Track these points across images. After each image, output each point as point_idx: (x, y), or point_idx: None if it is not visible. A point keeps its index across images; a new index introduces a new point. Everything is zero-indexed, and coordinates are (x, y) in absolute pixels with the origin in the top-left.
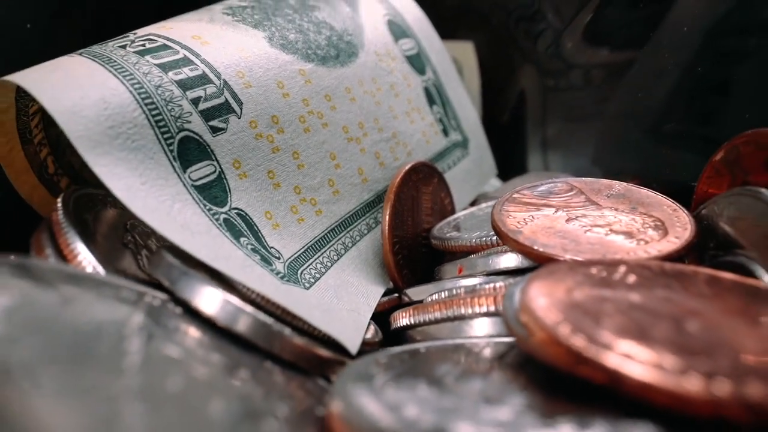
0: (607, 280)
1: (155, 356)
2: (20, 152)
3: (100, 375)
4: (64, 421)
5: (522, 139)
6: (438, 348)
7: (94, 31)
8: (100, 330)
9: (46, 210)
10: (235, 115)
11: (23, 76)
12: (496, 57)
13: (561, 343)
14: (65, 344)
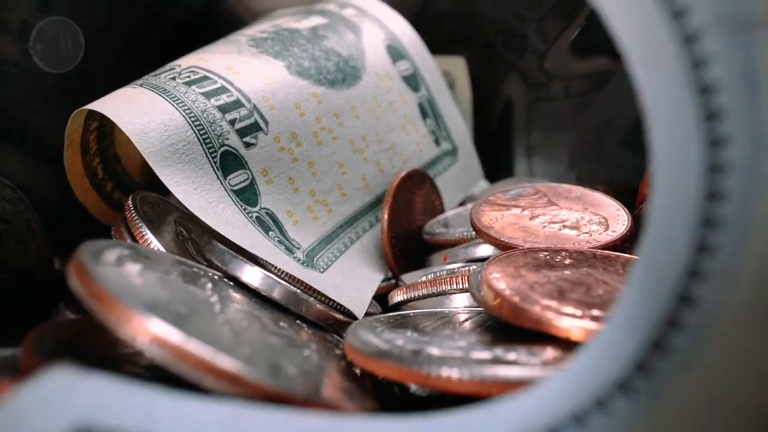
0: (549, 262)
1: (229, 308)
2: (80, 162)
3: (203, 316)
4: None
5: (508, 146)
6: (423, 313)
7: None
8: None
9: (96, 210)
10: (263, 133)
11: (103, 105)
12: (485, 71)
13: (505, 302)
14: (178, 295)
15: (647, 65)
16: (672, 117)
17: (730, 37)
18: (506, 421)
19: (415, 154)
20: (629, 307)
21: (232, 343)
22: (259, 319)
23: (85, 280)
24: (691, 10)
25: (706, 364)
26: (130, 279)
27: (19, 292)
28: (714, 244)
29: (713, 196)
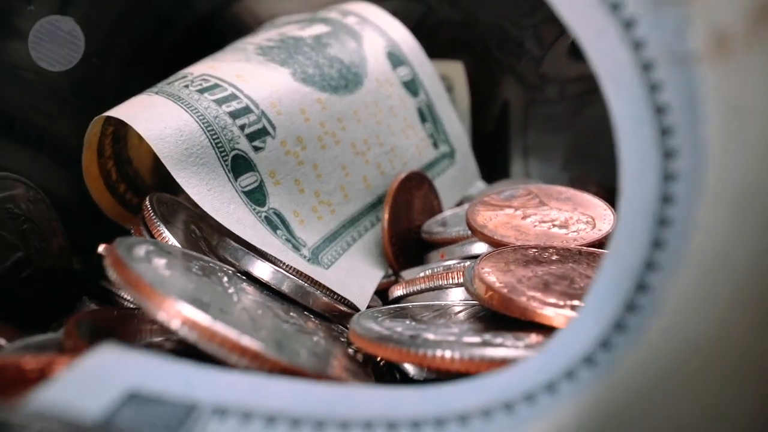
0: (537, 258)
1: (244, 299)
2: (96, 164)
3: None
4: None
5: (505, 148)
6: (420, 305)
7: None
8: (212, 282)
9: (109, 210)
10: (271, 137)
11: (123, 112)
12: (482, 75)
13: (495, 294)
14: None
15: (614, 87)
16: (634, 131)
17: (677, 67)
18: (489, 390)
19: (414, 157)
20: (597, 295)
21: (251, 327)
22: (271, 309)
23: (124, 272)
24: (647, 43)
25: (654, 339)
26: (159, 271)
27: (42, 287)
28: (665, 240)
29: (666, 200)
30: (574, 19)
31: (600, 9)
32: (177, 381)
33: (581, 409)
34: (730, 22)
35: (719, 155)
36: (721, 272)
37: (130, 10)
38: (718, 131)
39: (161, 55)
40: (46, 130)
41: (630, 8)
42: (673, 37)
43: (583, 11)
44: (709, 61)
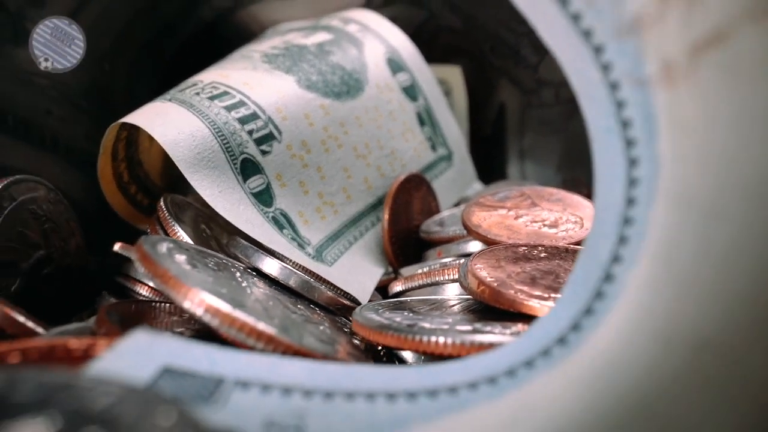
0: (526, 255)
1: (256, 291)
2: (110, 167)
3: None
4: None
5: (502, 150)
6: (418, 299)
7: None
8: (227, 276)
9: (121, 210)
10: (277, 141)
11: (139, 118)
12: (480, 79)
13: (486, 288)
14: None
15: (588, 102)
16: (605, 141)
17: (637, 89)
18: (476, 367)
19: (413, 159)
20: (573, 285)
21: (264, 316)
22: (281, 301)
23: (152, 266)
24: (613, 66)
25: (615, 320)
26: (182, 266)
27: (61, 284)
28: (628, 237)
29: (630, 202)
30: (554, 44)
31: (574, 36)
32: (204, 359)
33: (552, 379)
34: (674, 54)
35: (669, 164)
36: (670, 263)
37: (137, 18)
38: (667, 144)
39: (167, 61)
40: (60, 134)
41: (598, 36)
42: (633, 63)
43: (561, 38)
44: (660, 85)
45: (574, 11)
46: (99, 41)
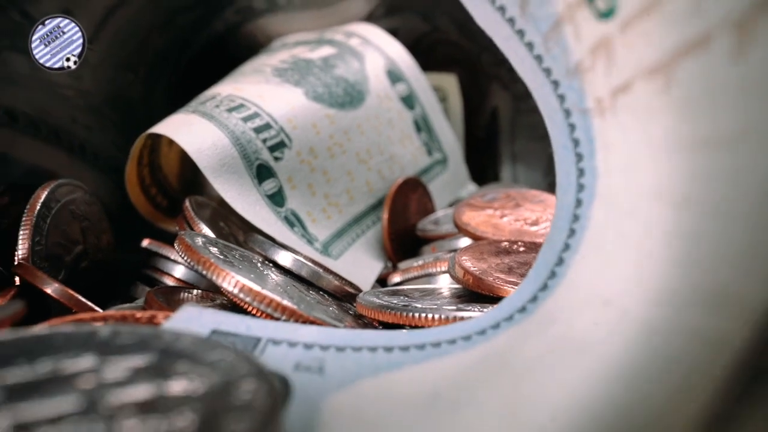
0: (507, 249)
1: (275, 278)
2: (135, 171)
3: (262, 280)
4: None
5: (495, 154)
6: (412, 287)
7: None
8: (251, 265)
9: (144, 210)
10: (288, 148)
11: (167, 128)
12: (474, 86)
13: (470, 276)
14: (244, 267)
15: (551, 123)
16: (563, 155)
17: (581, 116)
18: (455, 330)
19: (411, 163)
20: (535, 268)
21: (285, 295)
22: (296, 287)
23: (195, 255)
24: (566, 97)
25: (560, 292)
26: (218, 255)
27: (95, 276)
28: (575, 230)
29: (578, 203)
30: (526, 76)
31: (539, 72)
32: (241, 325)
33: (512, 333)
34: (602, 93)
35: (602, 175)
36: (598, 249)
37: (154, 31)
38: (601, 159)
39: (180, 71)
40: (87, 141)
41: (555, 74)
42: (578, 97)
43: (530, 72)
44: (595, 115)
45: (537, 54)
46: (120, 53)
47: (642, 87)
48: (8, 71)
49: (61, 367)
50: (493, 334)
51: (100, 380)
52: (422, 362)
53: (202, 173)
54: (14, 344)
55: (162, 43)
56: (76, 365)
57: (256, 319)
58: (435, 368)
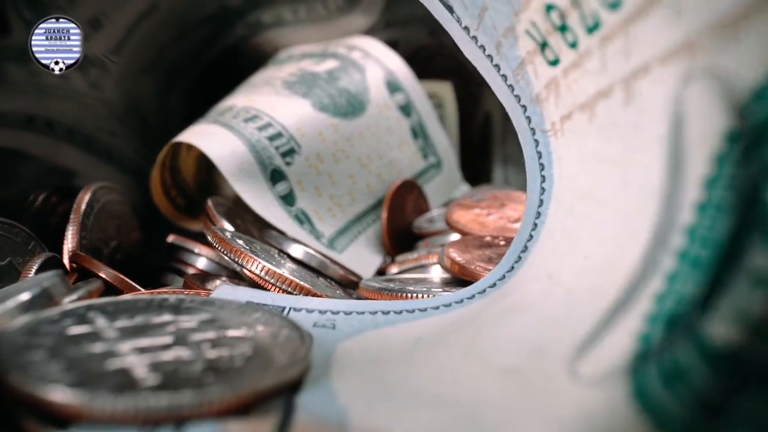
0: (490, 243)
1: (290, 266)
2: (159, 174)
3: (282, 267)
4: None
5: (488, 156)
6: (406, 276)
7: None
8: (270, 255)
9: (165, 209)
10: (297, 154)
11: (193, 138)
12: (468, 93)
13: (456, 265)
14: (266, 255)
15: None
16: (531, 165)
17: (542, 135)
18: (438, 300)
19: (407, 167)
20: (507, 255)
21: (301, 278)
22: (308, 273)
23: (227, 245)
24: (531, 119)
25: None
26: (244, 246)
27: (127, 267)
28: (536, 224)
29: (540, 203)
30: (503, 100)
31: (512, 97)
32: (268, 298)
33: (483, 302)
34: (555, 119)
35: (556, 181)
36: (551, 238)
37: (170, 44)
38: (556, 169)
39: (193, 81)
40: (113, 146)
41: (523, 100)
42: (539, 120)
43: (505, 96)
44: (551, 135)
45: (510, 84)
46: (139, 65)
47: (577, 117)
48: (39, 82)
49: (150, 319)
50: (468, 302)
51: (179, 327)
52: (412, 321)
53: (217, 176)
54: (114, 305)
55: (177, 55)
56: (160, 318)
57: (279, 294)
58: (421, 324)
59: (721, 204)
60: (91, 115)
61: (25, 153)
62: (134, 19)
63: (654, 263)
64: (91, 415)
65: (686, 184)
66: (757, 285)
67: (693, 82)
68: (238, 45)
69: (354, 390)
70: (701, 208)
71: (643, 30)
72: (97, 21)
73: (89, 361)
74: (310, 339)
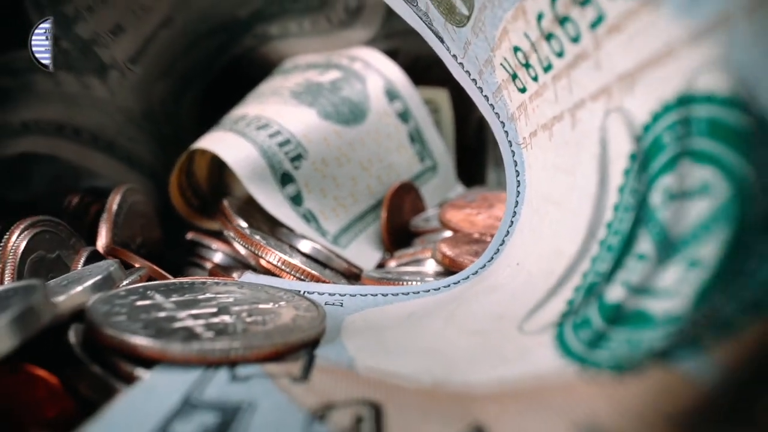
0: (478, 239)
1: (300, 258)
2: (176, 177)
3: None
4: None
5: (482, 159)
6: (404, 270)
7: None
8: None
9: (181, 209)
10: (304, 159)
11: (211, 144)
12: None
13: (447, 258)
14: (280, 249)
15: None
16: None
17: (518, 146)
18: (429, 286)
19: (405, 170)
20: (488, 249)
21: (311, 268)
22: (316, 265)
23: (247, 239)
24: (509, 133)
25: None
26: (262, 240)
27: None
28: (513, 222)
29: (516, 203)
30: (486, 116)
31: (493, 114)
32: (285, 284)
33: (466, 286)
34: (525, 134)
35: (527, 185)
36: (522, 232)
37: (182, 56)
38: (528, 175)
39: (203, 88)
40: (132, 150)
41: (502, 117)
42: (515, 134)
43: (488, 114)
44: (524, 147)
45: (491, 103)
46: (154, 73)
47: (540, 134)
48: (63, 91)
49: (195, 296)
50: (454, 287)
51: (219, 302)
52: (406, 301)
53: (228, 177)
54: (165, 286)
55: (189, 64)
56: (203, 296)
57: (293, 281)
58: (413, 303)
59: (627, 205)
60: (111, 121)
61: (59, 158)
62: (152, 31)
63: (586, 250)
64: (168, 358)
65: (609, 190)
66: (639, 261)
67: (610, 116)
68: (246, 55)
69: (358, 346)
70: (615, 208)
71: (578, 75)
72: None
73: (159, 322)
74: (323, 310)
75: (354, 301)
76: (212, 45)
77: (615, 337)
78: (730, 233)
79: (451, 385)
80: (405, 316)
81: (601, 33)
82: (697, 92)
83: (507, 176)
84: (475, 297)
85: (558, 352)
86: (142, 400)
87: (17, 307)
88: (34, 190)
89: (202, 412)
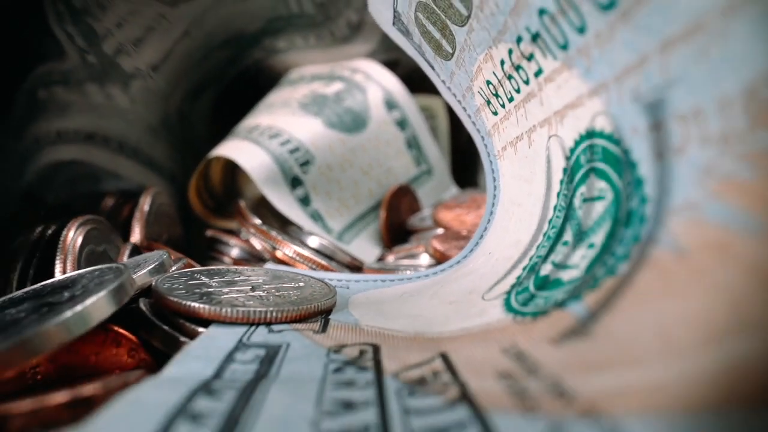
0: (465, 236)
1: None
2: (194, 181)
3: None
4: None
5: (476, 162)
6: (400, 262)
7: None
8: (293, 242)
9: (197, 209)
10: (312, 165)
11: (230, 151)
12: None
13: (437, 252)
14: (291, 243)
15: (483, 158)
16: (489, 177)
17: (494, 158)
18: (419, 273)
19: (403, 174)
20: (470, 242)
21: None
22: (323, 259)
23: (265, 234)
24: (487, 147)
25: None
26: (278, 235)
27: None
28: (491, 220)
29: (493, 204)
30: (469, 130)
31: (475, 130)
32: (301, 272)
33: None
34: (498, 147)
35: (502, 189)
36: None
37: (196, 67)
38: (501, 181)
39: (215, 97)
40: (152, 156)
41: (482, 132)
42: (491, 147)
43: (471, 129)
44: (498, 158)
45: (473, 120)
46: (170, 82)
47: (509, 149)
48: (89, 102)
49: (232, 278)
50: (441, 273)
51: (251, 282)
52: (400, 284)
53: (240, 180)
54: (207, 270)
55: (202, 75)
56: (238, 278)
57: (305, 269)
58: (407, 285)
59: (561, 206)
60: (133, 129)
61: (92, 163)
62: (172, 44)
63: (535, 240)
64: (222, 318)
65: (552, 195)
66: (563, 246)
67: (551, 140)
68: (255, 66)
69: (361, 313)
70: (555, 208)
71: (530, 107)
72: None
73: (210, 295)
74: (335, 288)
75: (358, 285)
76: (224, 57)
77: (539, 297)
78: (611, 225)
79: (428, 334)
80: (399, 294)
81: (541, 80)
82: (596, 129)
83: (486, 182)
84: (455, 279)
85: (503, 309)
86: (209, 342)
87: (113, 283)
88: (69, 193)
89: (253, 348)
